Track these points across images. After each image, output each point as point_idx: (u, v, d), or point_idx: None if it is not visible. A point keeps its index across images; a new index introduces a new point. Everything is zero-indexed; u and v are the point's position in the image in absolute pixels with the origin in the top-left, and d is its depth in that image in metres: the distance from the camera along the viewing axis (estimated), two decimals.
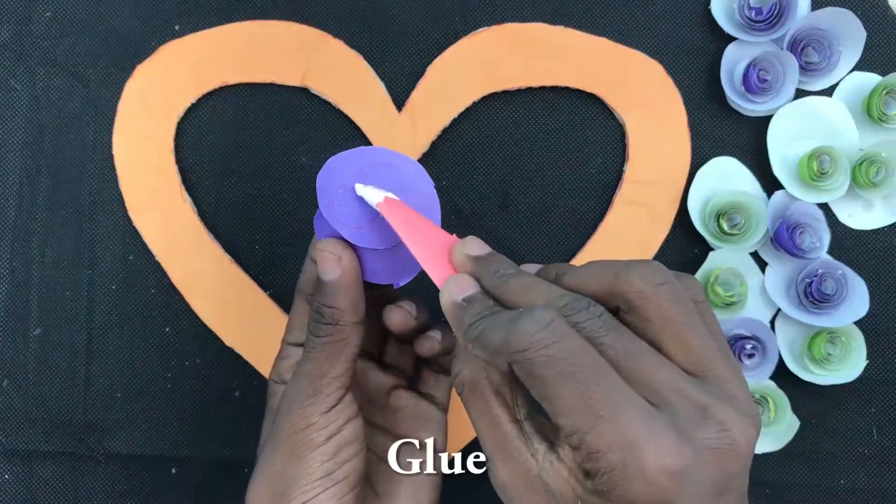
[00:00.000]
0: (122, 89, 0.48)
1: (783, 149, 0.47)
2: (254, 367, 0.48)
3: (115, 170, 0.48)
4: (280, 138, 0.49)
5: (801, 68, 0.47)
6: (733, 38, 0.48)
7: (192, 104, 0.48)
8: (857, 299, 0.46)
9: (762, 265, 0.48)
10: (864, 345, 0.47)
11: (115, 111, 0.48)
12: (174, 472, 0.48)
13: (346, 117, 0.48)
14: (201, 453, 0.48)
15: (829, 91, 0.48)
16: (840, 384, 0.46)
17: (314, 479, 0.33)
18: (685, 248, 0.48)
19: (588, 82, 0.48)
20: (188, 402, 0.48)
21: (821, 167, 0.46)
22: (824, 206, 0.47)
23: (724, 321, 0.47)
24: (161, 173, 0.48)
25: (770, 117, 0.48)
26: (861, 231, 0.48)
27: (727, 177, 0.48)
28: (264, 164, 0.48)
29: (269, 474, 0.34)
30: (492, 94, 0.48)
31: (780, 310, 0.47)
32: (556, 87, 0.48)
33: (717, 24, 0.48)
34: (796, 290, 0.47)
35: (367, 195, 0.33)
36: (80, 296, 0.48)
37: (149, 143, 0.48)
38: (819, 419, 0.47)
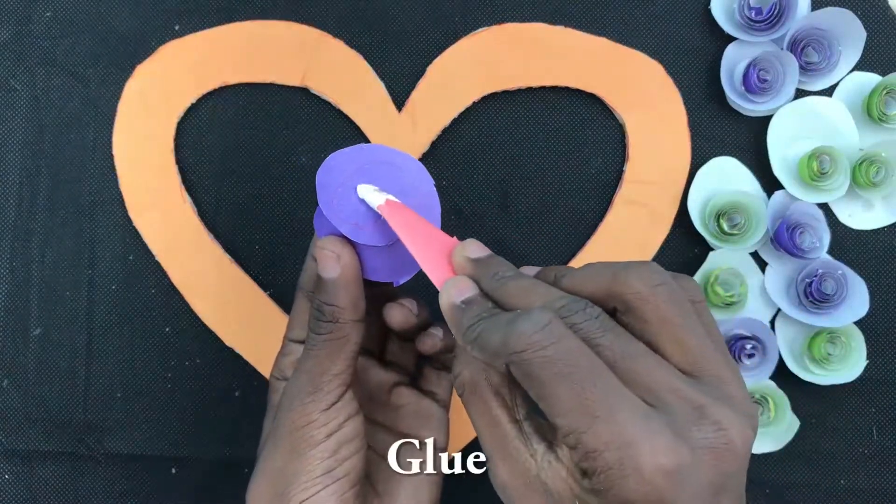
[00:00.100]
0: (122, 89, 0.48)
1: (783, 149, 0.47)
2: (254, 367, 0.48)
3: (115, 170, 0.48)
4: (280, 138, 0.49)
5: (801, 68, 0.47)
6: (733, 38, 0.48)
7: (192, 104, 0.48)
8: (857, 299, 0.46)
9: (762, 265, 0.48)
10: (864, 345, 0.47)
11: (115, 111, 0.48)
12: (174, 472, 0.48)
13: (346, 117, 0.48)
14: (201, 453, 0.48)
15: (829, 91, 0.48)
16: (840, 384, 0.46)
17: (314, 477, 0.33)
18: (685, 248, 0.48)
19: (588, 82, 0.48)
20: (188, 402, 0.48)
21: (821, 167, 0.46)
22: (824, 206, 0.47)
23: (724, 321, 0.47)
24: (161, 173, 0.48)
25: (770, 117, 0.48)
26: (861, 231, 0.48)
27: (727, 177, 0.48)
28: (264, 164, 0.48)
29: (269, 471, 0.34)
30: (492, 94, 0.48)
31: (780, 310, 0.47)
32: (556, 87, 0.48)
33: (717, 24, 0.48)
34: (796, 290, 0.47)
35: (369, 198, 0.34)
36: (80, 296, 0.48)
37: (149, 143, 0.48)
38: (819, 419, 0.47)
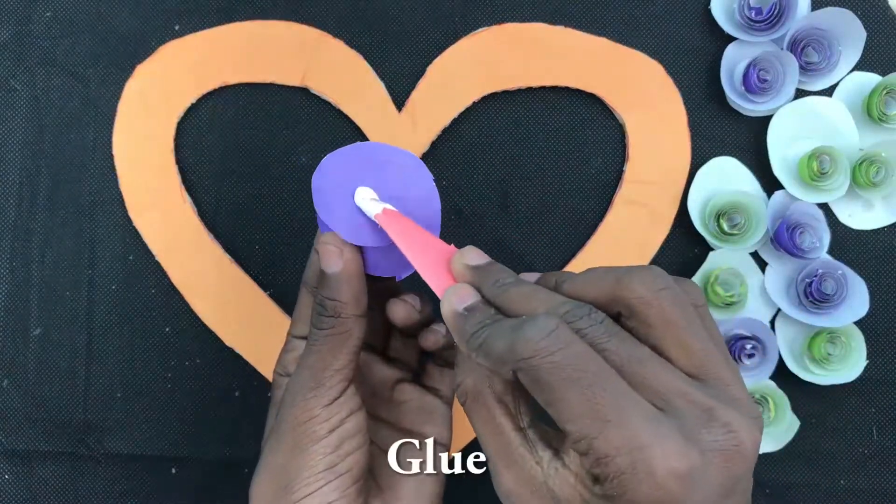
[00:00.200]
0: (122, 89, 0.48)
1: (783, 149, 0.47)
2: (254, 367, 0.48)
3: (115, 170, 0.48)
4: (280, 138, 0.49)
5: (801, 68, 0.47)
6: (733, 38, 0.48)
7: (192, 104, 0.48)
8: (857, 299, 0.46)
9: (762, 265, 0.48)
10: (864, 345, 0.47)
11: (115, 111, 0.48)
12: (174, 472, 0.48)
13: (346, 117, 0.48)
14: (201, 453, 0.48)
15: (829, 91, 0.48)
16: (840, 384, 0.46)
17: (317, 472, 0.33)
18: (685, 248, 0.48)
19: (588, 82, 0.48)
20: (188, 402, 0.48)
21: (821, 167, 0.46)
22: (824, 206, 0.47)
23: (724, 321, 0.47)
24: (161, 173, 0.48)
25: (770, 117, 0.48)
26: (861, 231, 0.48)
27: (727, 177, 0.48)
28: (264, 164, 0.48)
29: (272, 467, 0.34)
30: (492, 94, 0.48)
31: (780, 310, 0.47)
32: (556, 87, 0.48)
33: (717, 24, 0.48)
34: (796, 290, 0.47)
35: (366, 207, 0.33)
36: (80, 296, 0.48)
37: (149, 143, 0.48)
38: (819, 419, 0.47)
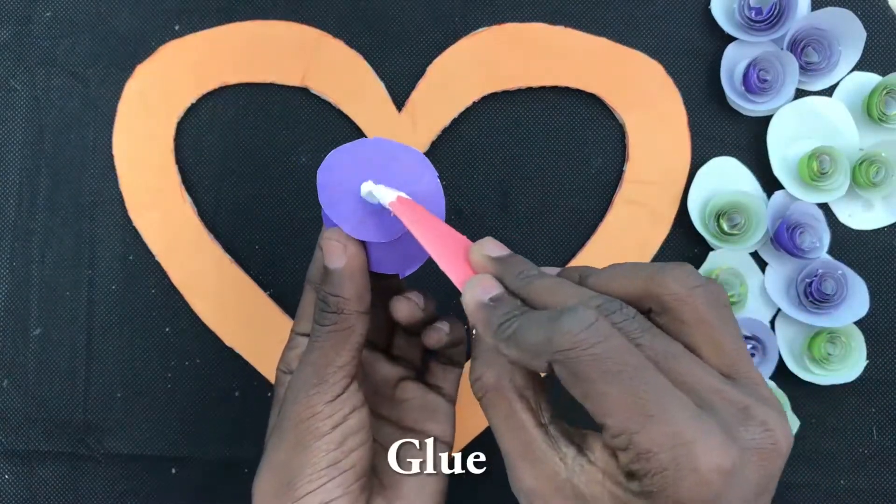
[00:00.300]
0: (122, 89, 0.48)
1: (783, 149, 0.47)
2: (254, 367, 0.48)
3: (115, 170, 0.48)
4: (280, 138, 0.49)
5: (801, 68, 0.47)
6: (733, 38, 0.48)
7: (192, 104, 0.48)
8: (857, 299, 0.46)
9: (762, 265, 0.48)
10: (864, 345, 0.47)
11: (115, 111, 0.48)
12: (174, 472, 0.48)
13: (346, 117, 0.48)
14: (201, 453, 0.48)
15: (829, 91, 0.48)
16: (840, 384, 0.46)
17: (320, 469, 0.33)
18: (685, 248, 0.48)
19: (588, 82, 0.48)
20: (188, 402, 0.48)
21: (821, 167, 0.46)
22: (824, 206, 0.47)
23: None
24: (161, 173, 0.48)
25: (770, 117, 0.48)
26: (861, 231, 0.48)
27: (727, 177, 0.48)
28: (264, 164, 0.48)
29: (274, 464, 0.34)
30: (492, 94, 0.48)
31: (780, 310, 0.47)
32: (556, 87, 0.48)
33: (717, 24, 0.48)
34: (796, 290, 0.47)
35: (379, 194, 0.33)
36: (80, 296, 0.48)
37: (149, 143, 0.48)
38: (819, 419, 0.47)
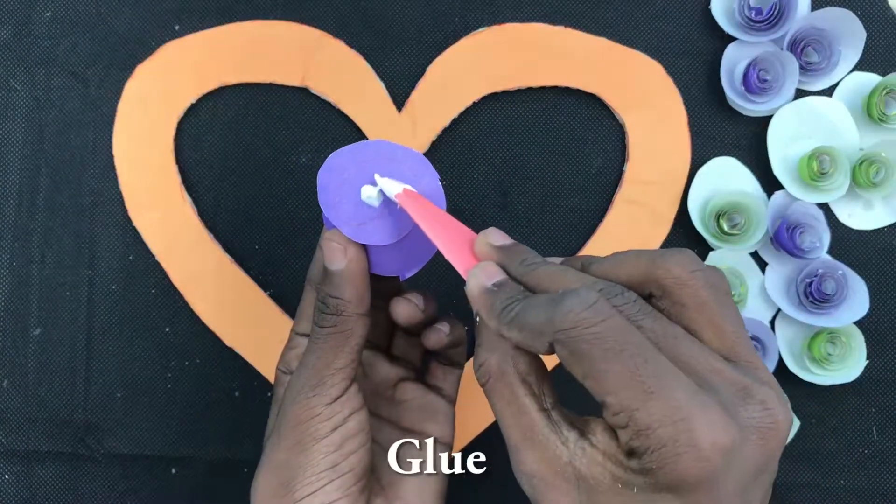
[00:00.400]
0: (122, 89, 0.48)
1: (783, 149, 0.47)
2: (254, 367, 0.48)
3: (115, 170, 0.48)
4: (280, 138, 0.49)
5: (801, 68, 0.47)
6: (733, 38, 0.48)
7: (192, 104, 0.48)
8: (857, 299, 0.46)
9: (762, 265, 0.48)
10: (864, 345, 0.47)
11: (115, 111, 0.48)
12: (174, 472, 0.48)
13: (346, 117, 0.48)
14: (201, 453, 0.48)
15: (829, 91, 0.48)
16: (840, 384, 0.46)
17: (319, 471, 0.33)
18: (685, 248, 0.48)
19: (588, 82, 0.48)
20: (188, 402, 0.48)
21: (821, 167, 0.46)
22: (824, 206, 0.47)
23: None
24: (161, 173, 0.48)
25: (770, 117, 0.48)
26: (861, 231, 0.48)
27: (727, 177, 0.48)
28: (264, 164, 0.48)
29: (273, 465, 0.34)
30: (492, 94, 0.48)
31: (780, 310, 0.47)
32: (556, 87, 0.48)
33: (717, 24, 0.48)
34: (796, 290, 0.47)
35: (386, 187, 0.33)
36: (80, 296, 0.48)
37: (149, 143, 0.48)
38: (819, 419, 0.47)
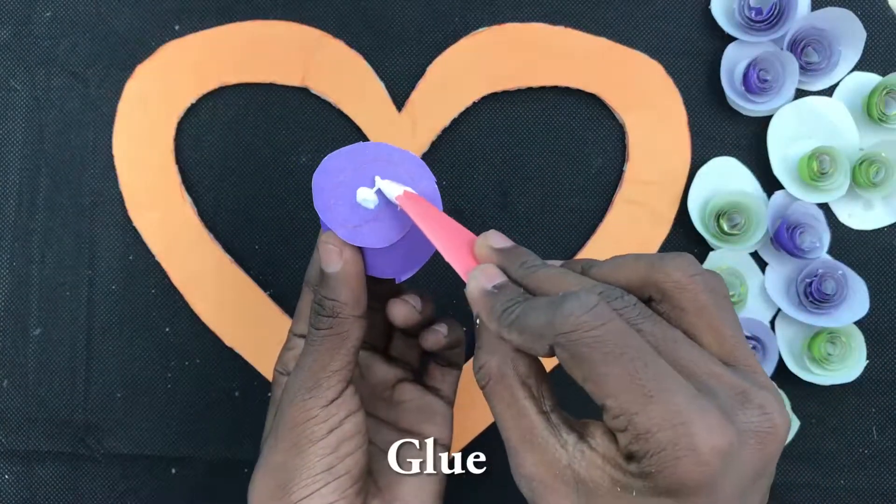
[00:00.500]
0: (122, 89, 0.48)
1: (783, 149, 0.47)
2: (254, 367, 0.48)
3: (115, 170, 0.48)
4: (280, 138, 0.49)
5: (801, 68, 0.47)
6: (733, 38, 0.48)
7: (192, 104, 0.48)
8: (857, 299, 0.46)
9: (762, 265, 0.48)
10: (864, 345, 0.47)
11: (115, 111, 0.48)
12: (174, 472, 0.48)
13: (346, 117, 0.48)
14: (201, 453, 0.48)
15: (829, 91, 0.48)
16: (840, 384, 0.46)
17: (315, 473, 0.33)
18: (685, 248, 0.48)
19: (588, 82, 0.48)
20: (188, 402, 0.48)
21: (821, 167, 0.46)
22: (824, 206, 0.47)
23: None
24: (161, 173, 0.48)
25: (770, 117, 0.48)
26: (861, 231, 0.48)
27: (727, 177, 0.48)
28: (264, 164, 0.48)
29: (271, 467, 0.34)
30: (492, 94, 0.48)
31: (780, 310, 0.47)
32: (556, 87, 0.48)
33: (717, 24, 0.48)
34: (796, 290, 0.47)
35: (387, 189, 0.33)
36: (80, 296, 0.48)
37: (149, 143, 0.48)
38: (819, 419, 0.47)
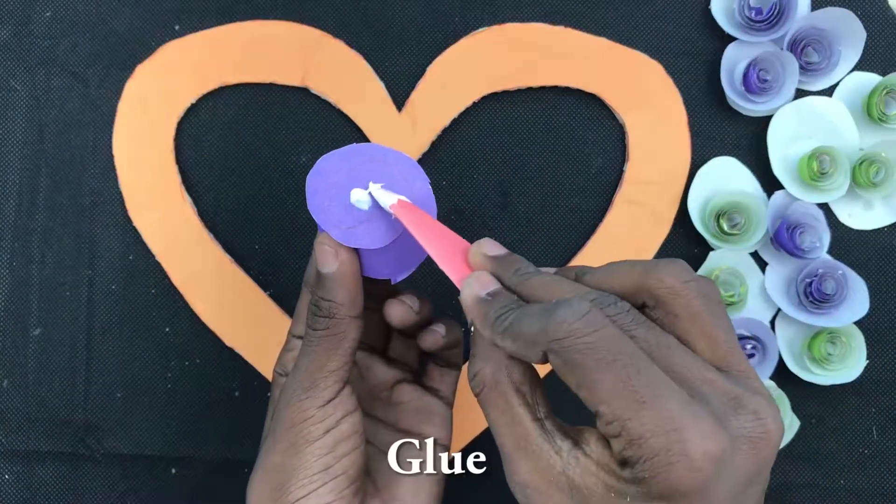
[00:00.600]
0: (122, 89, 0.48)
1: (783, 149, 0.47)
2: (254, 367, 0.48)
3: (115, 170, 0.48)
4: (280, 138, 0.49)
5: (801, 68, 0.47)
6: (733, 38, 0.48)
7: (192, 104, 0.48)
8: (857, 299, 0.46)
9: (762, 265, 0.48)
10: (864, 345, 0.47)
11: (115, 111, 0.48)
12: (174, 472, 0.48)
13: (346, 117, 0.48)
14: (201, 453, 0.48)
15: (829, 91, 0.48)
16: (840, 384, 0.46)
17: (312, 474, 0.33)
18: (685, 248, 0.48)
19: (588, 82, 0.48)
20: (188, 402, 0.48)
21: (821, 167, 0.46)
22: (824, 206, 0.47)
23: None
24: (161, 173, 0.48)
25: (770, 117, 0.48)
26: (861, 231, 0.48)
27: (727, 177, 0.48)
28: (264, 164, 0.48)
29: (268, 467, 0.34)
30: (492, 94, 0.48)
31: (780, 310, 0.47)
32: (556, 87, 0.48)
33: (717, 24, 0.48)
34: (796, 290, 0.47)
35: (381, 197, 0.33)
36: (80, 296, 0.48)
37: (149, 143, 0.48)
38: (819, 419, 0.47)
